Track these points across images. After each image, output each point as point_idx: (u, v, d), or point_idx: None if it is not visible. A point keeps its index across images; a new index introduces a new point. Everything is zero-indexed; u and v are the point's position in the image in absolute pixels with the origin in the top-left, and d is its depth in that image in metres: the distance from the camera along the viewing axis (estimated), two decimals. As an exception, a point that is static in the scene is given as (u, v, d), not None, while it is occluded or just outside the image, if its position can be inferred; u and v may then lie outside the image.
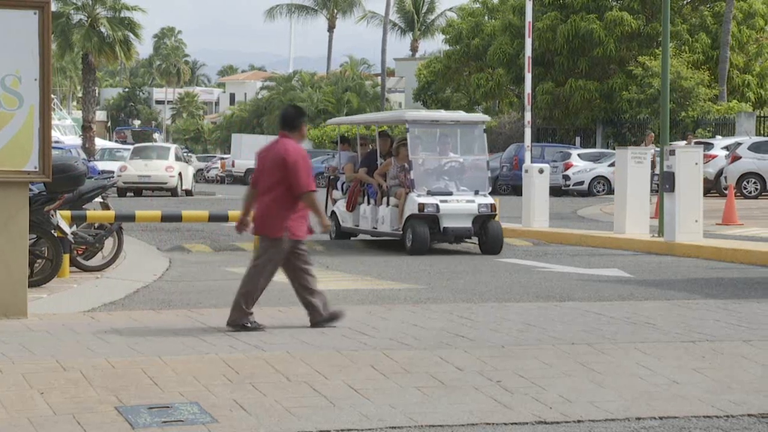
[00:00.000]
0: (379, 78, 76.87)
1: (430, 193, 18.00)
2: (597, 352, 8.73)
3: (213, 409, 6.90)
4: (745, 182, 33.95)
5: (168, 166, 39.98)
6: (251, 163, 69.17)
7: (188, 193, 41.10)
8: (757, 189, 33.99)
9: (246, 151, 66.42)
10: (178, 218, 16.07)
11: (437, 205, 17.83)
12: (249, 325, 9.59)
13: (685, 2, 51.89)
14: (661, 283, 14.30)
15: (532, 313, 10.79)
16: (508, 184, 41.27)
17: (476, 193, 18.25)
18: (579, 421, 6.82)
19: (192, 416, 6.79)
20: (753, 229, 22.66)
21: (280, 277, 14.40)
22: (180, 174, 40.34)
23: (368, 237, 19.89)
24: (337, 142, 21.68)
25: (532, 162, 23.53)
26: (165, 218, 15.53)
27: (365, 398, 7.22)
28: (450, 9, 77.22)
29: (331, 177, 21.19)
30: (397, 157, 18.71)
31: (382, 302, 11.96)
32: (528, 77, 23.22)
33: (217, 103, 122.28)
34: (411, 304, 11.86)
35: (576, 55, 50.21)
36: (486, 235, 18.02)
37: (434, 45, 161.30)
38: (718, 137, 33.87)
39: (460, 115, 20.28)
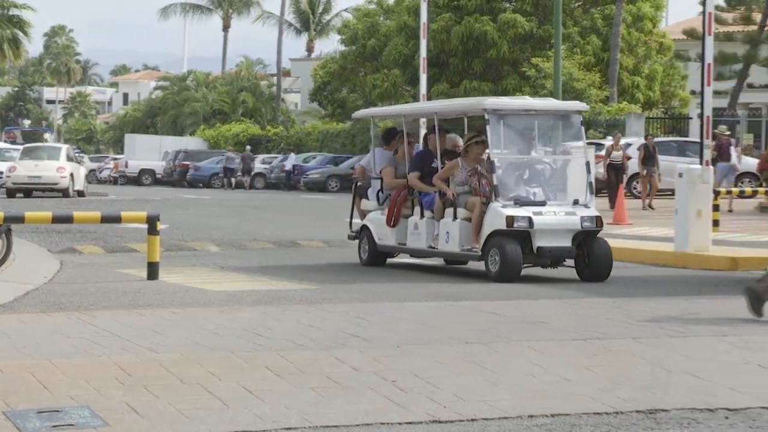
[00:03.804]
0: (275, 78, 76.67)
1: (517, 203, 14.40)
2: (491, 351, 8.81)
3: (104, 413, 6.80)
4: (635, 182, 34.53)
5: (59, 166, 39.37)
6: (144, 163, 68.50)
7: (80, 194, 40.50)
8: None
9: (139, 151, 65.69)
10: (69, 219, 15.77)
11: (530, 218, 14.20)
12: None
13: (576, 5, 52.64)
14: (554, 282, 14.48)
15: (427, 313, 10.83)
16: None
17: (575, 202, 14.68)
18: (473, 420, 6.86)
19: (83, 420, 6.68)
20: (642, 228, 23.11)
21: (173, 278, 14.28)
22: (72, 175, 39.77)
23: (408, 258, 16.51)
24: (372, 139, 17.61)
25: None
26: (56, 219, 15.22)
27: (260, 399, 7.18)
28: (346, 9, 77.24)
29: (359, 182, 16.98)
30: (466, 158, 15.21)
31: (278, 303, 11.91)
32: (423, 78, 23.29)
33: (110, 103, 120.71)
34: (307, 304, 11.83)
35: (470, 57, 50.60)
36: (590, 256, 14.45)
37: (330, 45, 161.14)
38: (609, 138, 34.44)
39: (552, 102, 16.48)
